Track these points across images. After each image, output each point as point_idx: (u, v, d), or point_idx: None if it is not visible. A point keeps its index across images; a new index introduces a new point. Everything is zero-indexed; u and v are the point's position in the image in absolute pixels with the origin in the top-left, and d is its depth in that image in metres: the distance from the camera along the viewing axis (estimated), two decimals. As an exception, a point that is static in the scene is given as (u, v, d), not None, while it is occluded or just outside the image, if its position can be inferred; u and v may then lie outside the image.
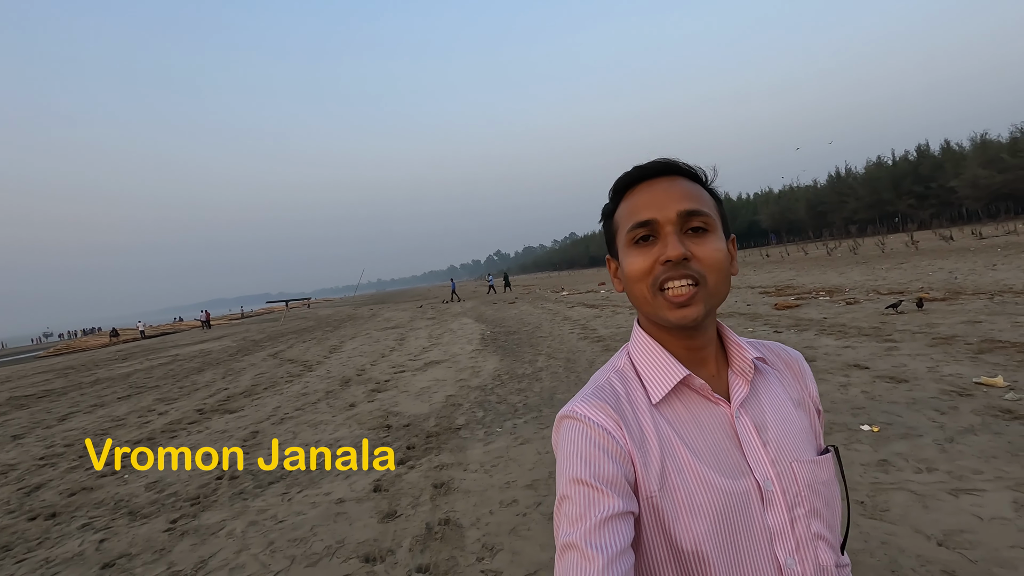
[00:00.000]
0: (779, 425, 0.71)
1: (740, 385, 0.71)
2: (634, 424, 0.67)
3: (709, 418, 0.69)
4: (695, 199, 0.67)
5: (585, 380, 6.17)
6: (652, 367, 0.70)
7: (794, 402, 0.76)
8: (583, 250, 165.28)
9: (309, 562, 2.85)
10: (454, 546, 2.83)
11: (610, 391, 0.70)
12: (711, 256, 0.65)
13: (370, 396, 6.99)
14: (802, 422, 0.74)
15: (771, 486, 0.66)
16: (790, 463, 0.68)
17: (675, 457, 0.65)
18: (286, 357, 12.76)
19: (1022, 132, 52.35)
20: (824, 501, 0.69)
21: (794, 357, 0.82)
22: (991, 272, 12.22)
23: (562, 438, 0.67)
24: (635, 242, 0.68)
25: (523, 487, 3.49)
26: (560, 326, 12.23)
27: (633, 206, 0.69)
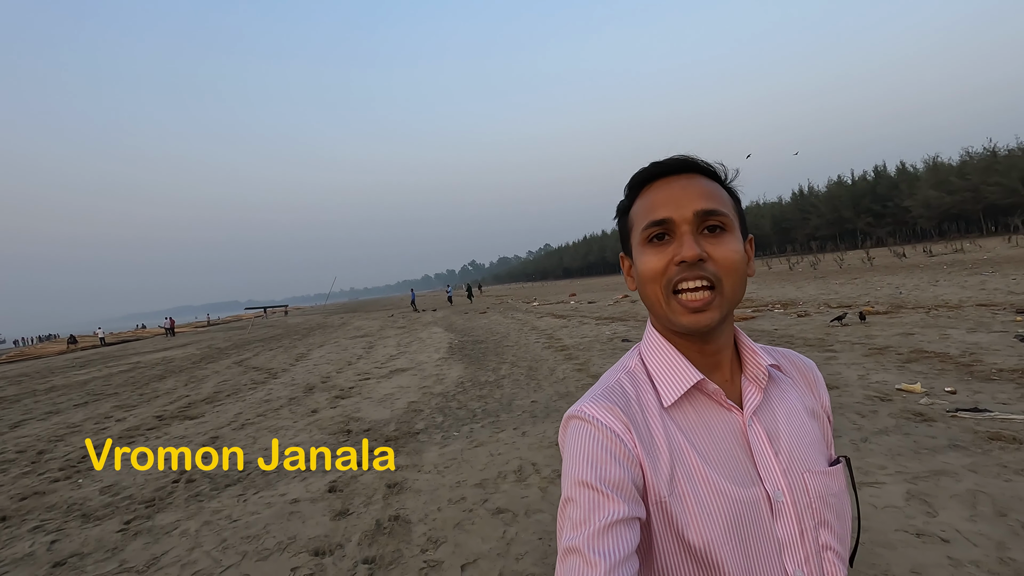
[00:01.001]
0: (792, 435, 0.69)
1: (753, 392, 0.70)
2: (643, 427, 0.65)
3: (721, 424, 0.68)
4: (713, 198, 0.66)
5: (545, 388, 6.41)
6: (665, 369, 0.69)
7: (807, 411, 0.74)
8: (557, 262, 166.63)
9: (260, 557, 2.96)
10: (401, 540, 2.98)
11: (620, 392, 0.68)
12: (727, 257, 0.64)
13: (333, 403, 7.06)
14: (815, 432, 0.73)
15: (781, 496, 0.65)
16: (802, 474, 0.67)
17: (684, 463, 0.64)
18: (251, 365, 12.65)
19: (970, 156, 55.38)
20: (834, 513, 0.67)
21: (808, 365, 0.80)
22: (933, 288, 12.95)
23: (569, 438, 0.65)
24: (650, 240, 0.66)
25: (472, 486, 3.66)
26: (527, 336, 12.45)
27: (649, 204, 0.67)
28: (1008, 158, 50.94)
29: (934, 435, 3.63)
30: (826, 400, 0.78)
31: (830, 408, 0.79)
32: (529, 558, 2.65)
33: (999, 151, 53.15)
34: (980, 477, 2.96)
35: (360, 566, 2.73)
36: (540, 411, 5.45)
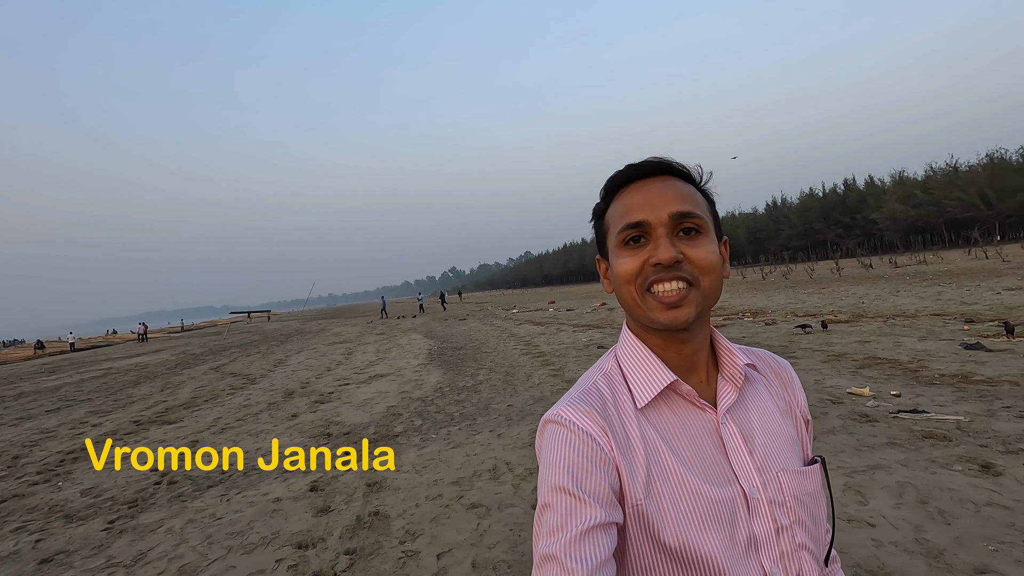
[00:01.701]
0: (766, 433, 0.70)
1: (728, 391, 0.70)
2: (619, 429, 0.65)
3: (696, 424, 0.68)
4: (688, 200, 0.66)
5: (521, 392, 6.64)
6: (639, 371, 0.69)
7: (781, 411, 0.75)
8: (536, 269, 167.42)
9: (245, 551, 3.11)
10: (380, 533, 3.17)
11: (596, 395, 0.68)
12: (703, 258, 0.64)
13: (313, 407, 7.17)
14: (789, 431, 0.73)
15: (757, 494, 0.65)
16: (776, 472, 0.67)
17: (660, 464, 0.64)
18: (228, 371, 12.60)
19: (934, 171, 57.66)
20: (809, 512, 0.68)
21: (783, 365, 0.81)
22: (893, 298, 13.55)
23: (545, 443, 0.65)
24: (626, 243, 0.67)
25: (449, 484, 3.86)
26: (505, 342, 12.67)
27: (625, 206, 0.67)
28: (968, 174, 53.24)
29: (875, 434, 3.95)
30: (802, 400, 0.79)
31: (807, 409, 0.80)
32: (500, 547, 2.86)
33: (960, 167, 55.54)
34: (910, 471, 3.27)
35: (342, 557, 2.91)
36: (516, 415, 5.66)
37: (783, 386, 0.79)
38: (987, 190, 49.25)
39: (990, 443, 3.56)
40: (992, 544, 2.41)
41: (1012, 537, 2.44)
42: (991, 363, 5.70)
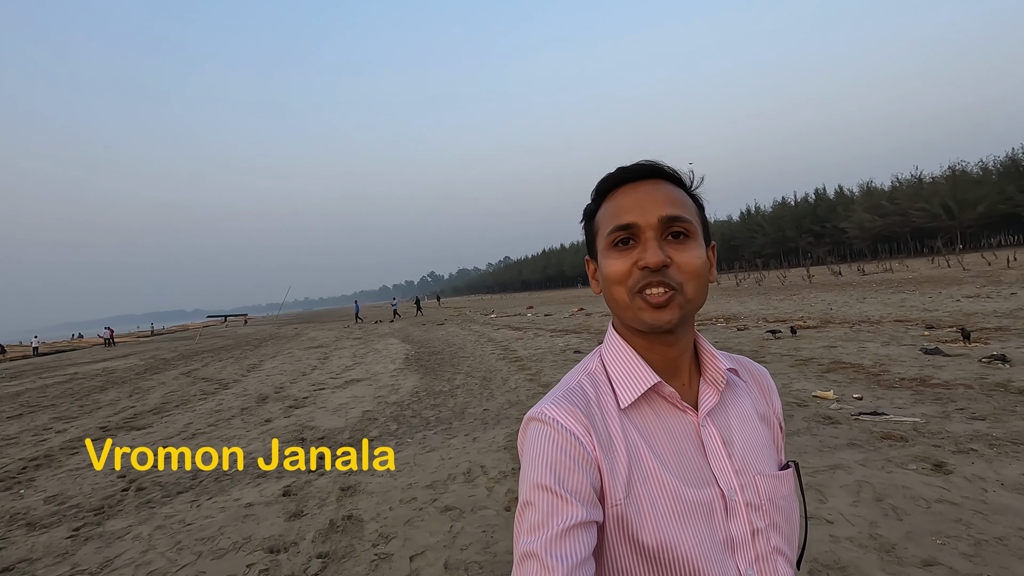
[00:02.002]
0: (744, 438, 0.71)
1: (710, 395, 0.71)
2: (602, 429, 0.66)
3: (677, 426, 0.69)
4: (678, 204, 0.67)
5: (497, 397, 6.68)
6: (623, 372, 0.70)
7: (760, 416, 0.76)
8: (516, 274, 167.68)
9: (215, 556, 3.09)
10: (353, 536, 3.17)
11: (580, 394, 0.69)
12: (690, 263, 0.65)
13: (287, 412, 7.09)
14: (766, 436, 0.75)
15: (735, 496, 0.66)
16: (753, 476, 0.68)
17: (641, 465, 0.65)
18: (200, 376, 12.36)
19: (900, 182, 59.70)
20: (784, 516, 0.69)
21: (762, 373, 0.83)
22: (860, 305, 13.98)
23: (528, 441, 0.65)
24: (615, 245, 0.67)
25: (423, 487, 3.88)
26: (483, 347, 12.69)
27: (615, 208, 0.68)
28: (932, 185, 55.28)
29: (837, 435, 4.10)
30: (778, 407, 0.81)
31: (782, 415, 0.81)
32: (473, 548, 2.89)
33: (924, 179, 57.64)
34: (868, 470, 3.41)
35: (314, 560, 2.91)
36: (491, 419, 5.70)
37: (761, 392, 0.80)
38: (949, 201, 51.26)
39: (943, 443, 3.73)
40: (940, 538, 2.54)
41: (958, 531, 2.58)
42: (948, 367, 5.94)
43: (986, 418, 4.17)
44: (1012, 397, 4.66)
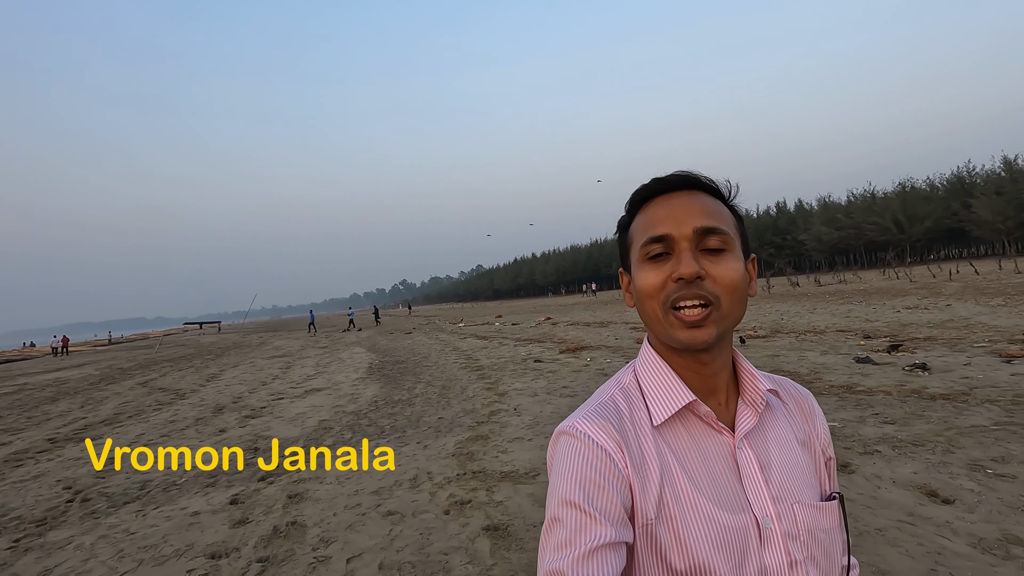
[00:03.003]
0: (783, 463, 0.68)
1: (748, 416, 0.68)
2: (635, 446, 0.64)
3: (712, 447, 0.66)
4: (714, 216, 0.65)
5: (454, 405, 6.83)
6: (658, 388, 0.68)
7: (800, 442, 0.73)
8: (487, 283, 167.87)
9: (157, 563, 3.16)
10: (295, 541, 3.29)
11: (613, 409, 0.67)
12: (726, 276, 0.63)
13: (243, 422, 7.09)
14: (807, 463, 0.71)
15: (770, 524, 0.63)
16: (792, 504, 0.65)
17: (674, 485, 0.63)
18: (157, 386, 12.13)
19: (854, 197, 62.40)
20: (823, 550, 0.66)
21: (804, 395, 0.79)
22: (809, 315, 14.62)
23: (558, 455, 0.64)
24: (649, 257, 0.65)
25: (369, 493, 4.01)
26: (447, 356, 12.81)
27: (649, 220, 0.67)
28: (884, 200, 57.93)
29: (761, 439, 4.40)
30: (823, 434, 0.77)
31: (830, 444, 0.78)
32: (408, 550, 3.05)
33: (877, 194, 60.41)
34: (781, 471, 3.69)
35: (254, 564, 3.02)
36: (445, 426, 5.85)
37: (804, 417, 0.77)
38: (899, 215, 53.89)
39: (853, 446, 4.06)
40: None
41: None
42: (874, 375, 6.36)
43: (896, 422, 4.53)
44: (924, 402, 5.06)
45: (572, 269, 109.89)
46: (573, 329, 17.32)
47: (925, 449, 3.84)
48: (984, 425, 4.25)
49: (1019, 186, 46.45)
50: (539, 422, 5.64)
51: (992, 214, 46.98)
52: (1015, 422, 4.25)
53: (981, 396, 5.07)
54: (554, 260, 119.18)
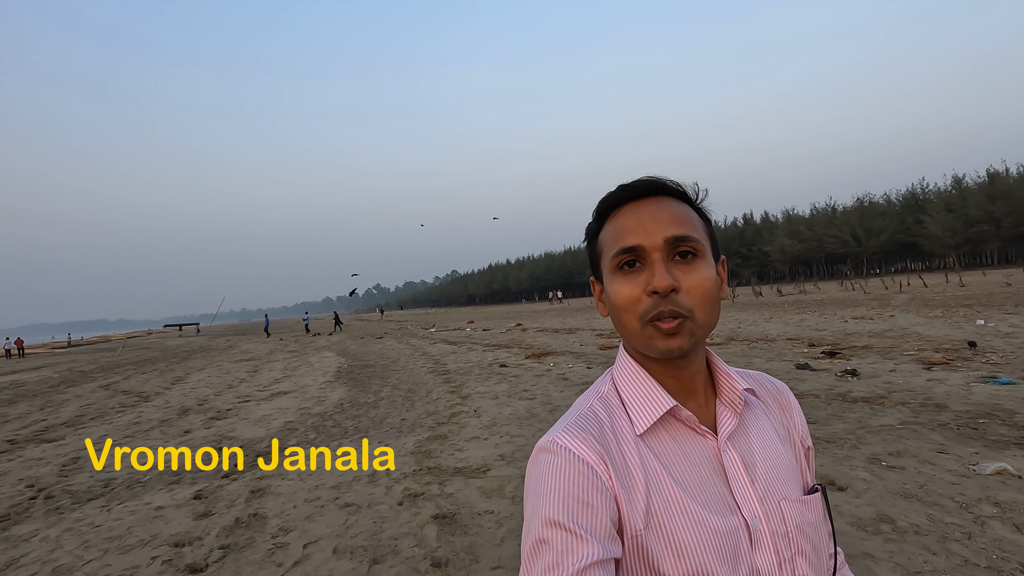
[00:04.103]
0: (767, 461, 0.68)
1: (728, 417, 0.69)
2: (618, 456, 0.63)
3: (696, 451, 0.66)
4: (684, 223, 0.64)
5: (418, 407, 7.10)
6: (637, 395, 0.68)
7: (781, 437, 0.73)
8: (462, 288, 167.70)
9: (122, 551, 3.35)
10: (255, 531, 3.52)
11: (594, 420, 0.66)
12: (700, 285, 0.63)
13: (208, 424, 7.21)
14: (789, 459, 0.72)
15: (759, 525, 0.64)
16: (779, 502, 0.66)
17: (661, 492, 0.62)
18: (120, 388, 12.03)
19: (817, 210, 64.83)
20: (811, 543, 0.67)
21: (781, 389, 0.80)
22: (765, 324, 15.30)
23: (539, 472, 0.62)
24: (620, 268, 0.65)
25: (329, 488, 4.25)
26: (416, 361, 13.02)
27: (618, 230, 0.66)
28: (844, 213, 60.37)
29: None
30: (801, 426, 0.78)
31: (808, 435, 0.78)
32: (361, 536, 3.31)
33: (837, 208, 62.92)
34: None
35: (215, 551, 3.24)
36: (407, 427, 6.11)
37: (782, 411, 0.77)
38: (857, 229, 56.30)
39: (775, 443, 4.47)
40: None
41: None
42: (809, 380, 6.86)
43: (817, 422, 4.98)
44: (846, 404, 5.54)
45: (546, 276, 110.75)
46: (541, 335, 17.69)
47: (835, 445, 4.29)
48: (892, 424, 4.73)
49: (967, 203, 49.08)
50: (496, 422, 5.95)
51: (942, 229, 49.48)
52: (918, 421, 4.74)
53: (896, 399, 5.59)
54: (528, 267, 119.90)
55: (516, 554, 2.94)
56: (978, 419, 4.67)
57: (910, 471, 3.64)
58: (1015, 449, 3.90)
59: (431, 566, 2.86)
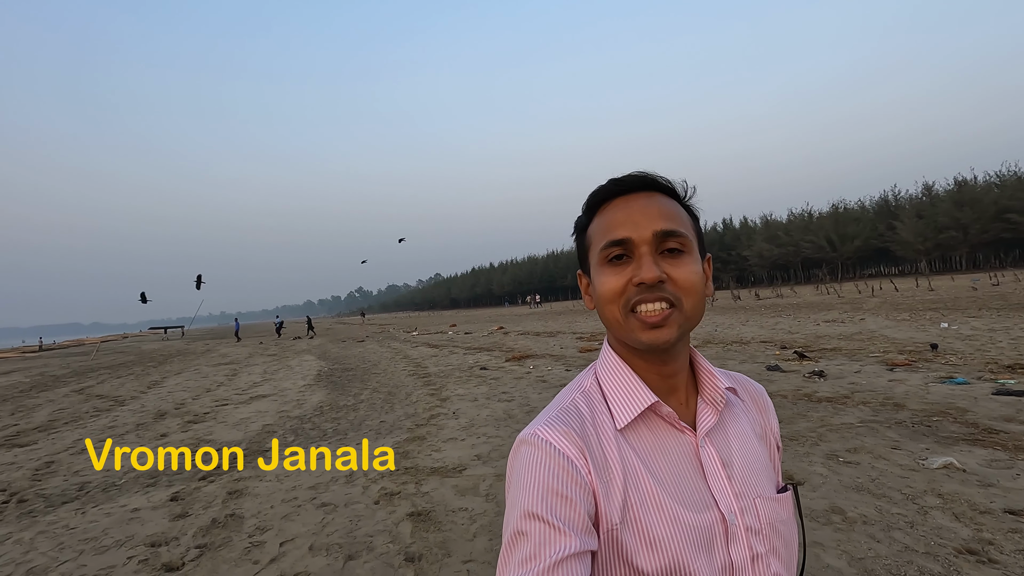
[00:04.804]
0: (744, 459, 0.69)
1: (708, 414, 0.69)
2: (598, 451, 0.64)
3: (675, 447, 0.67)
4: (672, 218, 0.65)
5: (397, 410, 7.17)
6: (619, 390, 0.68)
7: (758, 436, 0.75)
8: (445, 292, 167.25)
9: (97, 552, 3.38)
10: (232, 530, 3.57)
11: (575, 413, 0.67)
12: (687, 279, 0.63)
13: (185, 427, 7.18)
14: (764, 458, 0.73)
15: (735, 520, 0.65)
16: (754, 499, 0.67)
17: (639, 487, 0.63)
18: (95, 393, 11.83)
19: (794, 216, 66.25)
20: (783, 541, 0.68)
21: (759, 391, 0.81)
22: (741, 327, 15.64)
23: (519, 465, 0.63)
24: (608, 260, 0.66)
25: (306, 488, 4.31)
26: (396, 364, 13.05)
27: (608, 223, 0.67)
28: (820, 219, 61.78)
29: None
30: (775, 426, 0.80)
31: (779, 435, 0.80)
32: (337, 534, 3.39)
33: (814, 214, 64.37)
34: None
35: (192, 550, 3.29)
36: (385, 429, 6.17)
37: (759, 411, 0.79)
38: (832, 235, 57.70)
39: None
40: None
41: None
42: (778, 381, 7.09)
43: (783, 421, 5.17)
44: (811, 404, 5.76)
45: (528, 279, 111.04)
46: (523, 338, 17.83)
47: (797, 443, 4.47)
48: (852, 423, 4.94)
49: (937, 210, 50.59)
50: (474, 424, 6.05)
51: (913, 235, 50.96)
52: (877, 420, 4.97)
53: (859, 399, 5.83)
54: (511, 270, 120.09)
55: (487, 548, 3.05)
56: (932, 417, 4.91)
57: (864, 466, 3.83)
58: (963, 445, 4.13)
59: (404, 560, 2.96)
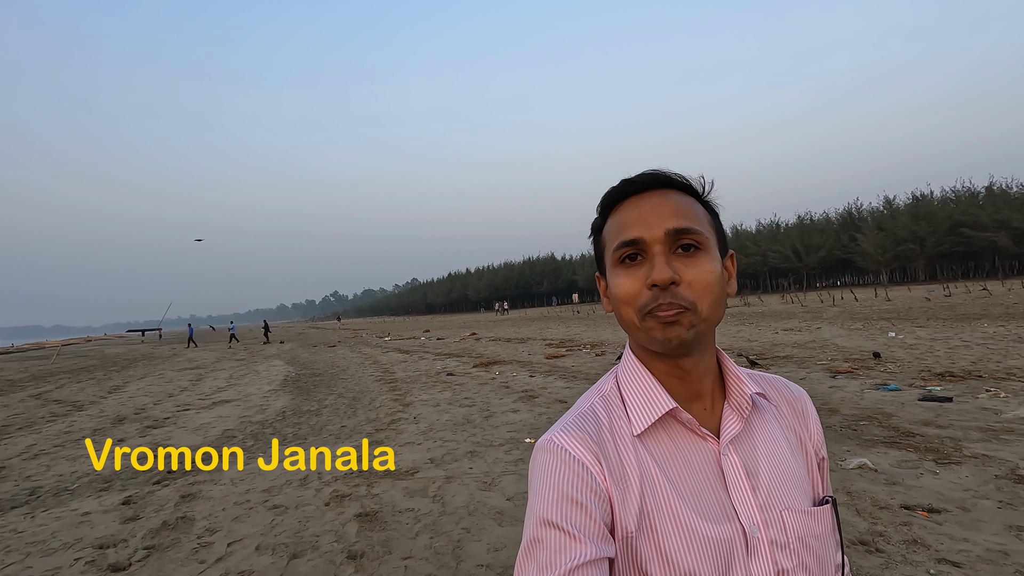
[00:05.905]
0: (772, 468, 0.66)
1: (733, 421, 0.66)
2: (614, 457, 0.63)
3: (696, 454, 0.65)
4: (686, 215, 0.63)
5: (359, 415, 7.27)
6: (638, 395, 0.67)
7: (791, 444, 0.71)
8: (421, 297, 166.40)
9: (44, 555, 3.43)
10: (182, 532, 3.65)
11: (592, 418, 0.66)
12: (701, 278, 0.61)
13: (143, 432, 7.15)
14: (798, 467, 0.69)
15: (757, 533, 0.62)
16: (781, 511, 0.64)
17: (656, 496, 0.61)
18: (52, 398, 11.59)
19: (763, 226, 68.06)
20: (815, 557, 0.64)
21: (797, 396, 0.77)
22: (704, 335, 16.09)
23: (536, 471, 0.63)
24: (622, 261, 0.64)
25: (260, 491, 4.40)
26: (365, 369, 13.07)
27: (620, 223, 0.65)
28: (787, 230, 63.62)
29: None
30: (816, 435, 0.75)
31: (823, 444, 0.76)
32: (285, 534, 3.51)
33: (781, 225, 66.21)
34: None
35: (140, 551, 3.37)
36: (345, 434, 6.27)
37: (796, 418, 0.75)
38: (798, 245, 59.41)
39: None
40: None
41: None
42: (728, 387, 7.40)
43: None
44: (754, 410, 6.06)
45: (505, 285, 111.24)
46: (493, 344, 17.99)
47: (733, 445, 4.74)
48: (787, 427, 5.25)
49: (896, 223, 52.59)
50: (433, 428, 6.20)
51: (873, 247, 52.84)
52: (809, 424, 5.28)
53: (798, 404, 6.15)
54: (487, 276, 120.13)
55: (427, 545, 3.21)
56: (860, 421, 5.24)
57: (788, 467, 4.11)
58: (882, 447, 4.45)
59: (347, 558, 3.10)
